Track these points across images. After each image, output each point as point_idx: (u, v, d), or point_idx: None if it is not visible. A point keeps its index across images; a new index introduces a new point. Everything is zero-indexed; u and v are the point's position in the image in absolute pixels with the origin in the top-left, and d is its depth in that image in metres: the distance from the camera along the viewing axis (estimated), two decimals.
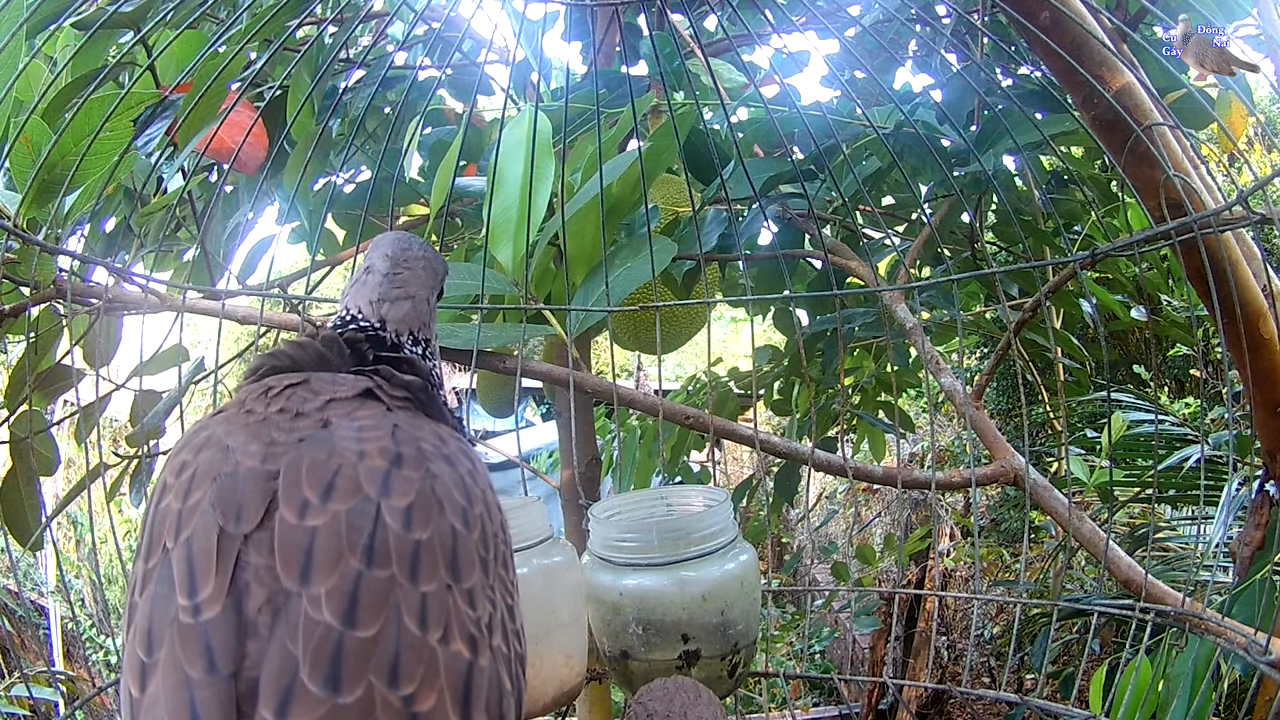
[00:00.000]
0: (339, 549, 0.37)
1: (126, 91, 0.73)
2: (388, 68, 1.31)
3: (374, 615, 0.36)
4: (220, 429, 0.43)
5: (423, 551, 0.38)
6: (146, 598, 0.38)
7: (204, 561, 0.37)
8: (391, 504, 0.39)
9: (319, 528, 0.37)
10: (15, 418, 0.94)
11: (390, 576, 0.37)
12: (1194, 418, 2.32)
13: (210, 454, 0.41)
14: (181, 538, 0.38)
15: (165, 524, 0.39)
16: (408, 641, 0.36)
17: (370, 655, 0.35)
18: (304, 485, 0.39)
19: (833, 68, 1.23)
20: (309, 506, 0.38)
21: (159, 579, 0.38)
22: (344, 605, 0.36)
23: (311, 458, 0.40)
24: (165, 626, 0.36)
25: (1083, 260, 0.81)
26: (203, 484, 0.40)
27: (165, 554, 0.38)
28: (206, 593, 0.36)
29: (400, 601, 0.37)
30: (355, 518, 0.38)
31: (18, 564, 2.82)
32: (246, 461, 0.40)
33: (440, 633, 0.37)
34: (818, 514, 3.71)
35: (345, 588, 0.36)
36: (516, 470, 0.93)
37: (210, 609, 0.36)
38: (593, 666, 0.77)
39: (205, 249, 1.03)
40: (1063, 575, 2.20)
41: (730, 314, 4.60)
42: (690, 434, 1.68)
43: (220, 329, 0.83)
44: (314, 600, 0.36)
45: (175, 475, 0.41)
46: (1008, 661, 1.06)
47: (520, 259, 0.96)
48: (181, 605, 0.36)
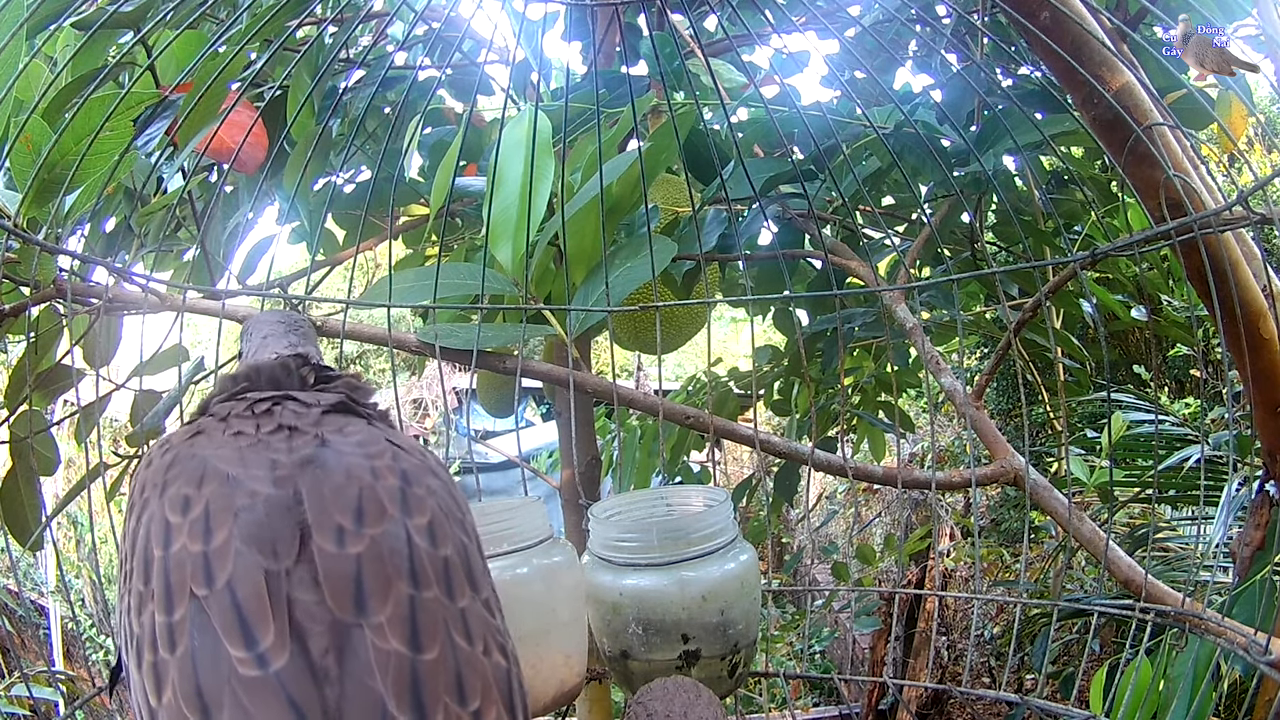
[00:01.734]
0: (386, 575, 0.36)
1: (126, 91, 0.73)
2: (388, 68, 1.31)
3: (433, 637, 0.36)
4: (211, 452, 0.40)
5: (450, 568, 0.38)
6: (182, 655, 0.34)
7: (256, 607, 0.34)
8: (415, 523, 0.39)
9: (362, 554, 0.37)
10: (15, 418, 0.94)
11: (435, 597, 0.37)
12: (1194, 418, 2.32)
13: (216, 487, 0.38)
14: (218, 584, 0.35)
15: (186, 570, 0.36)
16: (463, 658, 0.36)
17: (439, 676, 0.35)
18: (334, 511, 0.38)
19: (833, 68, 1.23)
20: (345, 534, 0.37)
21: (194, 631, 0.34)
22: (407, 631, 0.35)
23: (330, 482, 0.39)
24: (221, 684, 0.33)
25: (1083, 260, 0.81)
26: (223, 521, 0.37)
27: (194, 601, 0.35)
28: (269, 641, 0.34)
29: (448, 620, 0.37)
30: (391, 540, 0.37)
31: (18, 564, 2.82)
32: (260, 490, 0.38)
33: (482, 645, 0.37)
34: (818, 514, 3.71)
35: (403, 613, 0.36)
36: (516, 470, 0.93)
37: (278, 658, 0.33)
38: (593, 666, 0.77)
39: (205, 249, 1.03)
40: (1063, 575, 2.20)
41: (730, 314, 4.60)
42: (690, 434, 1.68)
43: (220, 329, 0.83)
44: (377, 630, 0.35)
45: (180, 512, 0.38)
46: (1008, 661, 1.06)
47: (520, 259, 0.96)
48: (239, 658, 0.33)
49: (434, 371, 2.44)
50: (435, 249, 1.46)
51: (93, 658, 3.71)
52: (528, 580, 0.66)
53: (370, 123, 1.38)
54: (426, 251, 1.50)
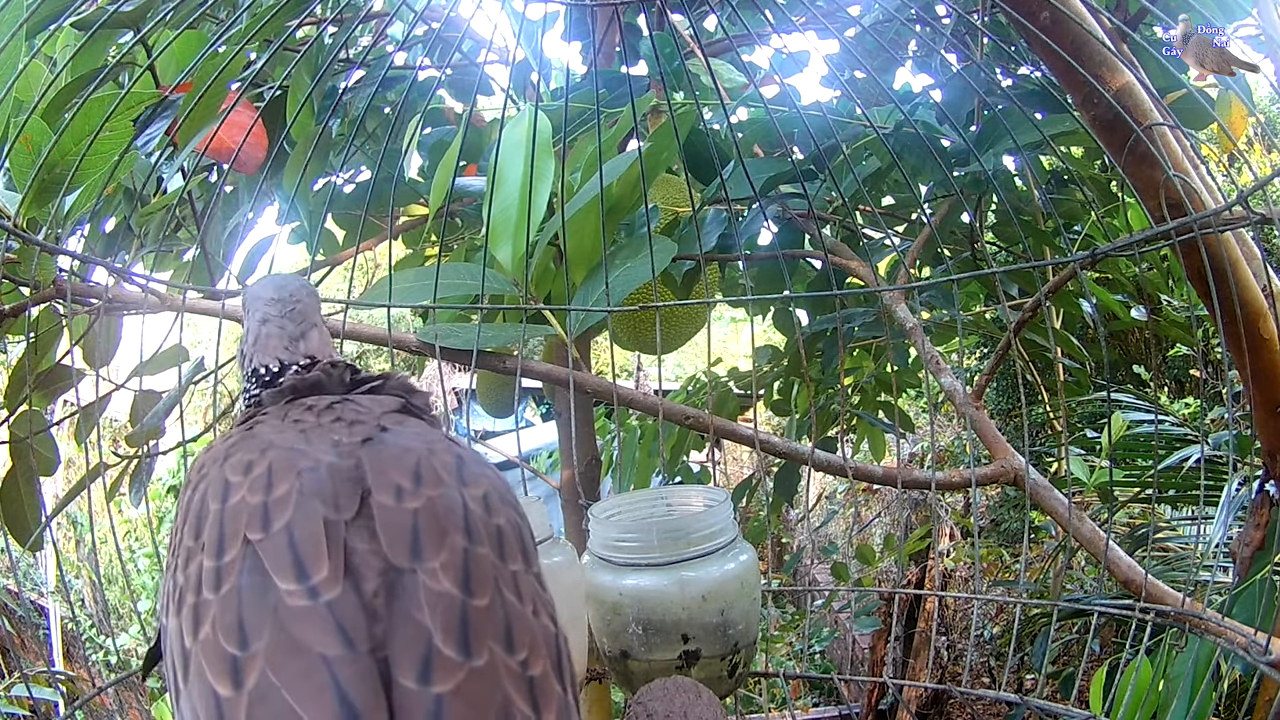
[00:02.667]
0: (441, 528, 0.38)
1: (126, 91, 0.73)
2: (388, 68, 1.31)
3: (484, 586, 0.37)
4: (273, 435, 0.42)
5: (503, 536, 0.40)
6: (227, 592, 0.35)
7: (312, 546, 0.36)
8: (470, 493, 0.40)
9: (419, 509, 0.38)
10: (15, 418, 0.94)
11: (488, 554, 0.38)
12: (1194, 418, 2.32)
13: (280, 453, 0.40)
14: (275, 527, 0.36)
15: (242, 519, 0.37)
16: (513, 612, 0.37)
17: (488, 622, 0.36)
18: (392, 474, 0.39)
19: (833, 68, 1.23)
20: (404, 491, 0.39)
21: (245, 570, 0.35)
22: (460, 576, 0.36)
23: (389, 452, 0.41)
24: (264, 615, 0.34)
25: (1083, 260, 0.81)
26: (285, 477, 0.38)
27: (248, 546, 0.36)
28: (321, 575, 0.35)
29: (498, 577, 0.38)
30: (447, 502, 0.39)
31: (18, 564, 2.82)
32: (325, 458, 0.40)
33: (532, 607, 0.38)
34: (818, 514, 3.71)
35: (457, 561, 0.37)
36: (516, 470, 0.93)
37: (330, 590, 0.34)
38: (593, 666, 0.77)
39: (205, 249, 1.03)
40: (1063, 575, 2.20)
41: (730, 314, 4.60)
42: (690, 434, 1.68)
43: (220, 329, 0.83)
44: (430, 573, 0.36)
45: (241, 473, 0.39)
46: (1008, 661, 1.06)
47: (520, 259, 0.96)
48: (288, 590, 0.34)
49: (434, 371, 2.44)
50: (435, 249, 1.46)
51: (93, 658, 3.71)
52: None
53: (370, 123, 1.38)
54: (426, 251, 1.51)
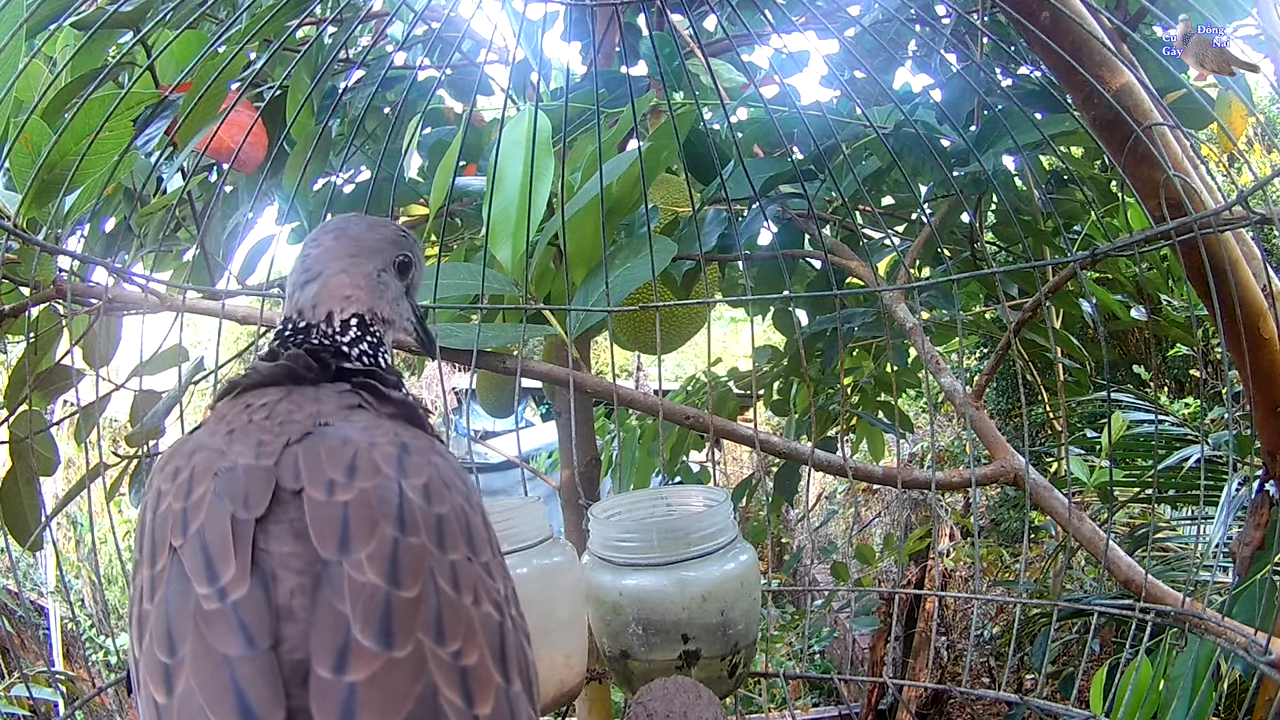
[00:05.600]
0: (372, 519, 0.38)
1: (126, 91, 0.73)
2: (387, 68, 1.31)
3: (414, 577, 0.37)
4: (204, 438, 0.43)
5: (444, 525, 0.40)
6: (159, 601, 0.37)
7: (220, 548, 0.37)
8: (410, 482, 0.40)
9: (350, 501, 0.38)
10: (15, 418, 0.94)
11: (422, 544, 0.38)
12: (1194, 418, 2.32)
13: (204, 455, 0.41)
14: (191, 531, 0.38)
15: (168, 525, 0.39)
16: (446, 603, 0.37)
17: (416, 613, 0.36)
18: (326, 467, 0.39)
19: (832, 68, 1.23)
20: (336, 485, 0.39)
21: (170, 579, 0.37)
22: (386, 567, 0.37)
23: (326, 445, 0.41)
24: (186, 621, 0.35)
25: (1083, 260, 0.81)
26: (202, 480, 0.39)
27: (173, 553, 0.37)
28: (229, 575, 0.36)
29: (434, 567, 0.38)
30: (382, 492, 0.39)
31: (18, 564, 2.82)
32: (241, 459, 0.40)
33: (471, 597, 0.38)
34: (817, 514, 3.71)
35: (385, 551, 0.37)
36: (516, 470, 0.93)
37: (236, 589, 0.35)
38: (593, 666, 0.77)
39: (205, 249, 1.03)
40: (1063, 575, 2.20)
41: (730, 314, 4.60)
42: (690, 434, 1.68)
43: (220, 329, 0.83)
44: (356, 565, 0.36)
45: (170, 480, 0.41)
46: (1008, 661, 1.06)
47: (520, 259, 0.96)
48: (202, 594, 0.35)
49: (434, 371, 2.44)
50: (435, 249, 1.46)
51: (93, 658, 3.71)
52: (527, 580, 0.66)
53: (370, 123, 1.38)
54: (426, 251, 1.50)
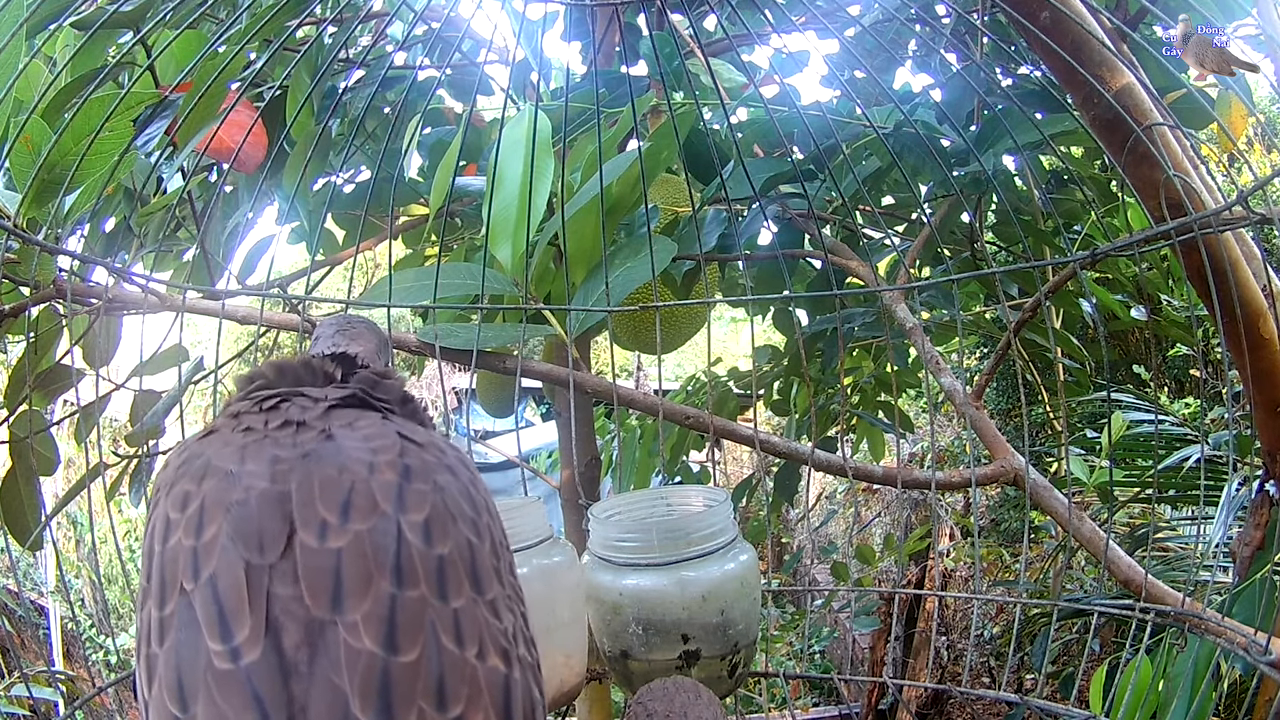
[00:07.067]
0: (367, 571, 0.36)
1: (126, 91, 0.73)
2: (387, 68, 1.31)
3: (413, 638, 0.35)
4: (217, 451, 0.41)
5: (446, 567, 0.37)
6: (169, 648, 0.35)
7: (234, 601, 0.35)
8: (410, 519, 0.38)
9: (343, 549, 0.36)
10: (15, 418, 0.94)
11: (421, 596, 0.36)
12: (1194, 418, 2.32)
13: (215, 482, 0.39)
14: (203, 577, 0.36)
15: (179, 564, 0.37)
16: (449, 662, 0.35)
17: (416, 680, 0.34)
18: (319, 505, 0.37)
19: (832, 68, 1.23)
20: (328, 528, 0.36)
21: (181, 625, 0.35)
22: (383, 630, 0.35)
23: (322, 475, 0.38)
24: (199, 676, 0.34)
25: (1083, 260, 0.81)
26: (214, 516, 0.37)
27: (184, 596, 0.36)
28: (243, 635, 0.34)
29: (435, 620, 0.36)
30: (378, 536, 0.37)
31: (18, 564, 2.82)
32: (256, 485, 0.38)
33: (476, 649, 0.36)
34: (818, 514, 3.71)
35: (381, 612, 0.35)
36: (516, 470, 0.93)
37: (250, 652, 0.34)
38: (593, 666, 0.77)
39: (205, 249, 1.03)
40: (1063, 575, 2.20)
41: (730, 314, 4.60)
42: (690, 434, 1.68)
43: (220, 329, 0.83)
44: (351, 628, 0.34)
45: (179, 509, 0.38)
46: (1008, 661, 1.06)
47: (520, 259, 0.96)
48: (215, 651, 0.34)
49: (434, 371, 2.44)
50: (435, 249, 1.46)
51: (93, 658, 3.71)
52: (528, 580, 0.66)
53: (370, 123, 1.37)
54: (426, 251, 1.50)
